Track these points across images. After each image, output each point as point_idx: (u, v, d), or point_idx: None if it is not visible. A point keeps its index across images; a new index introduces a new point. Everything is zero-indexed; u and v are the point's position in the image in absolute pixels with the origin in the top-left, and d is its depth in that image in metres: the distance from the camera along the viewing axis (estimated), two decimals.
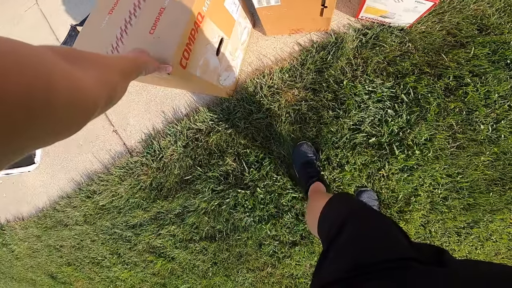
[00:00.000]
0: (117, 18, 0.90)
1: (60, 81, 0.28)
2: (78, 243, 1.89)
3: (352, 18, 1.20)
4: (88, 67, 0.39)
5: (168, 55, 0.79)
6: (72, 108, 0.30)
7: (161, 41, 0.81)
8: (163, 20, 0.83)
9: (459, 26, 1.09)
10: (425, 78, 1.10)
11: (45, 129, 0.27)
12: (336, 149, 1.17)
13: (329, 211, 0.65)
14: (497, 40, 1.06)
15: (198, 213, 1.36)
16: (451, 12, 1.10)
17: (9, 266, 2.53)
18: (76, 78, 0.32)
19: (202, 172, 1.34)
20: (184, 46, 0.82)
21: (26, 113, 0.23)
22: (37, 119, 0.24)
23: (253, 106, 1.24)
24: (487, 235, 1.18)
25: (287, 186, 1.23)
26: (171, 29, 0.81)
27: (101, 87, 0.39)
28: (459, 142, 1.10)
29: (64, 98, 0.28)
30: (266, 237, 1.33)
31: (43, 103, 0.25)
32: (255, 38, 1.30)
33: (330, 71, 1.16)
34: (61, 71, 0.29)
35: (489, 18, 1.07)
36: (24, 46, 0.26)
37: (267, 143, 1.25)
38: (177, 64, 0.80)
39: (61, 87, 0.28)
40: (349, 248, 0.49)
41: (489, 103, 1.08)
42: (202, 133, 1.33)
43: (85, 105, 0.33)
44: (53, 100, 0.26)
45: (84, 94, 0.33)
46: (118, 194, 1.52)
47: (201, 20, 0.88)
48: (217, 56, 1.03)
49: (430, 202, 1.17)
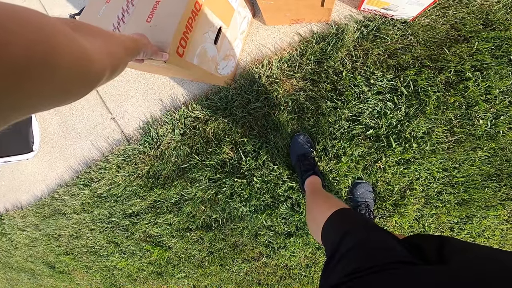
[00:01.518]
0: (114, 6, 0.90)
1: (64, 45, 0.28)
2: (76, 232, 1.90)
3: (354, 10, 1.18)
4: (94, 38, 0.40)
5: (165, 43, 0.78)
6: (75, 74, 0.31)
7: (158, 29, 0.81)
8: (160, 9, 0.83)
9: (464, 20, 1.08)
10: (425, 72, 1.09)
11: (44, 90, 0.27)
12: (333, 140, 1.17)
13: (332, 223, 0.69)
14: (502, 35, 1.04)
15: (194, 202, 1.37)
16: (456, 6, 1.08)
17: (8, 256, 2.54)
18: (81, 46, 0.32)
19: (199, 160, 1.34)
20: (181, 34, 0.82)
21: (25, 70, 0.23)
22: (35, 78, 0.25)
23: (251, 95, 1.23)
24: (480, 231, 1.19)
25: (283, 176, 1.23)
26: (168, 17, 0.81)
27: (107, 57, 0.40)
28: (457, 136, 1.10)
29: (67, 62, 0.29)
30: (262, 227, 1.34)
31: (43, 63, 0.25)
32: (254, 28, 1.28)
33: (329, 62, 1.14)
34: (65, 37, 0.29)
35: (495, 13, 1.05)
36: (29, 10, 0.26)
37: (265, 132, 1.25)
38: (173, 52, 0.79)
39: (64, 51, 0.28)
40: (352, 255, 0.52)
41: (489, 98, 1.07)
42: (199, 121, 1.32)
43: (89, 72, 0.34)
44: (54, 62, 0.27)
45: (89, 61, 0.34)
46: (116, 182, 1.52)
47: (199, 9, 0.87)
48: (215, 45, 1.02)
49: (425, 196, 1.17)
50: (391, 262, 0.44)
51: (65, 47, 0.28)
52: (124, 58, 0.50)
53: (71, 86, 0.32)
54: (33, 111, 0.29)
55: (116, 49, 0.47)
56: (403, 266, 0.43)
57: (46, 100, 0.29)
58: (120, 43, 0.50)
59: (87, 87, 0.35)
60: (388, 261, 0.45)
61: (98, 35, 0.43)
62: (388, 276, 0.42)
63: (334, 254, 0.54)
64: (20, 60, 0.22)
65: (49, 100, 0.30)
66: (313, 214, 0.86)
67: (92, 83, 0.36)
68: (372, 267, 0.44)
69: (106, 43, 0.44)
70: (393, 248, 0.50)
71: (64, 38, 0.29)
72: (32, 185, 2.00)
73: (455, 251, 0.44)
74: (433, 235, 0.56)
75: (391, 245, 0.51)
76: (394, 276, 0.41)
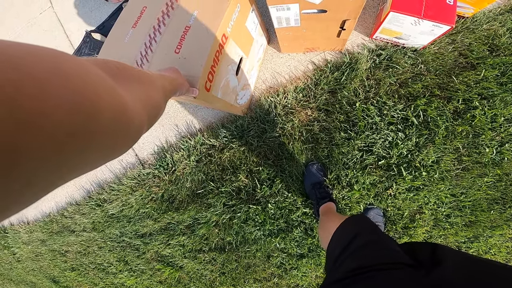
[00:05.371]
0: (141, 32, 0.85)
1: (105, 97, 0.23)
2: (85, 249, 1.81)
3: (366, 38, 1.16)
4: (132, 85, 0.34)
5: (195, 78, 0.74)
6: (115, 129, 0.25)
7: (187, 62, 0.76)
8: (188, 39, 0.78)
9: (471, 47, 1.07)
10: (435, 101, 1.08)
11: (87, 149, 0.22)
12: (346, 169, 1.14)
13: (344, 227, 0.68)
14: (507, 61, 1.04)
15: (209, 225, 1.31)
16: (464, 32, 1.08)
17: (8, 268, 2.40)
18: (121, 98, 0.27)
19: (215, 187, 1.28)
20: (209, 68, 0.78)
21: (69, 129, 0.18)
22: (80, 137, 0.20)
23: (267, 125, 1.19)
24: (486, 249, 1.17)
25: (297, 203, 1.19)
26: (197, 50, 0.76)
27: (146, 109, 0.34)
28: (464, 164, 1.09)
29: (108, 117, 0.23)
30: (275, 250, 1.29)
31: (85, 127, 0.20)
32: (269, 55, 1.25)
33: (343, 92, 1.12)
34: (106, 88, 0.24)
35: (500, 38, 1.05)
36: (66, 56, 0.21)
37: (279, 161, 1.21)
38: (202, 87, 0.75)
39: (106, 105, 0.23)
40: (359, 253, 0.53)
41: (495, 127, 1.06)
42: (215, 149, 1.27)
43: (129, 130, 0.28)
44: (97, 124, 0.21)
45: (129, 118, 0.28)
46: (129, 204, 1.45)
47: (225, 41, 0.83)
48: (236, 75, 0.99)
49: (434, 219, 1.15)
50: (396, 262, 0.46)
51: (108, 105, 0.23)
52: (163, 105, 0.45)
53: (110, 149, 0.26)
54: (74, 176, 0.23)
55: (156, 95, 0.41)
56: (406, 267, 0.45)
57: (82, 169, 0.23)
58: (160, 89, 0.45)
59: (128, 145, 0.30)
60: (392, 261, 0.46)
61: (137, 81, 0.37)
62: (388, 275, 0.43)
63: (343, 252, 0.55)
64: (62, 129, 0.18)
65: (83, 169, 0.24)
66: (326, 225, 0.84)
67: (134, 139, 0.31)
68: (365, 267, 0.46)
69: (147, 92, 0.38)
70: (398, 251, 0.50)
71: (106, 94, 0.24)
72: (40, 201, 1.89)
73: (446, 255, 0.44)
74: (426, 242, 0.57)
75: (395, 248, 0.51)
76: (393, 275, 0.43)
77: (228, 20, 0.82)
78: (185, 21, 0.81)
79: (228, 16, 0.81)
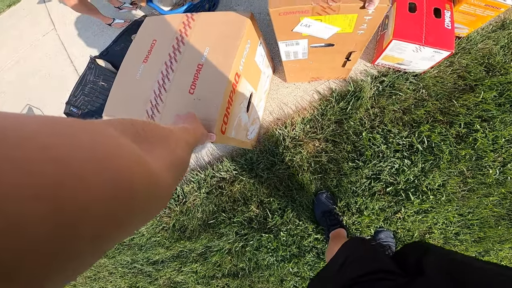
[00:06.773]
0: (153, 69, 0.83)
1: (138, 173, 0.21)
2: (95, 274, 1.77)
3: (368, 64, 1.18)
4: (157, 147, 0.32)
5: (211, 123, 0.73)
6: (148, 201, 0.24)
7: (201, 104, 0.75)
8: (202, 79, 0.77)
9: (468, 68, 1.09)
10: (438, 126, 1.09)
11: (122, 225, 0.20)
12: (355, 197, 1.14)
13: (346, 245, 0.69)
14: (503, 80, 1.06)
15: (221, 253, 1.30)
16: (461, 53, 1.10)
17: None
18: (150, 167, 0.25)
19: (226, 217, 1.27)
20: (224, 111, 0.77)
21: (111, 217, 0.17)
22: (118, 221, 0.19)
23: (276, 158, 1.19)
24: (498, 261, 1.17)
25: (309, 230, 1.19)
26: (211, 91, 0.75)
27: (172, 170, 0.33)
28: (469, 186, 1.10)
29: (142, 193, 0.22)
30: (288, 274, 1.28)
31: (125, 204, 0.19)
32: (275, 85, 1.26)
33: (349, 122, 1.13)
34: (137, 162, 0.22)
35: (495, 56, 1.07)
36: (97, 126, 0.19)
37: (289, 192, 1.21)
38: (218, 131, 0.75)
39: (140, 181, 0.21)
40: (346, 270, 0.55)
41: (496, 148, 1.08)
42: (226, 182, 1.27)
43: (160, 195, 0.27)
44: (135, 196, 0.20)
45: (159, 187, 0.26)
46: (140, 233, 1.44)
47: (238, 80, 0.82)
48: (247, 112, 0.98)
49: (443, 237, 1.15)
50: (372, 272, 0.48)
51: (141, 180, 0.21)
52: (189, 159, 0.43)
53: (143, 221, 0.25)
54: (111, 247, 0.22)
55: (181, 153, 0.39)
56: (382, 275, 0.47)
57: (116, 242, 0.22)
58: (185, 146, 0.43)
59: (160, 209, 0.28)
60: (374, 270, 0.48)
61: (163, 141, 0.35)
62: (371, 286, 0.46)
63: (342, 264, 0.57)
64: (99, 212, 0.16)
65: (117, 241, 0.22)
66: (332, 249, 0.84)
67: (165, 202, 0.29)
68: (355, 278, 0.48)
69: (173, 153, 0.36)
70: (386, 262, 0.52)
71: (138, 166, 0.22)
72: None
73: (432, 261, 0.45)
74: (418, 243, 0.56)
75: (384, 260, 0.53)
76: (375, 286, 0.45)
77: (240, 58, 0.81)
78: (197, 58, 0.80)
79: (240, 54, 0.80)
